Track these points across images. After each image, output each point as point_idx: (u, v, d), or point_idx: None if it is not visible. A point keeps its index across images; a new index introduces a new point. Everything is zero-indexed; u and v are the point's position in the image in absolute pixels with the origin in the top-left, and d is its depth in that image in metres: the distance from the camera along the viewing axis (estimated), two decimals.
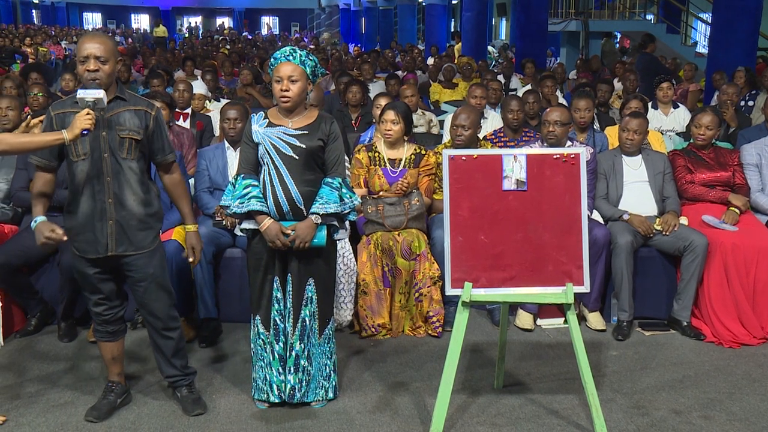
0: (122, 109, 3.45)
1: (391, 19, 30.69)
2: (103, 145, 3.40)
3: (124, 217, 3.46)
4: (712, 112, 5.22)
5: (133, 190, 3.47)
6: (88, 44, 3.33)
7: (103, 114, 3.38)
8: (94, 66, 3.32)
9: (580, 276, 3.50)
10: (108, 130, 3.40)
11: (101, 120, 3.39)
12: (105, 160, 3.41)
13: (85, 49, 3.33)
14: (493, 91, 7.63)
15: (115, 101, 3.44)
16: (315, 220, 3.57)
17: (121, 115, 3.43)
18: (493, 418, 3.71)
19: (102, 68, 3.34)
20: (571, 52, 19.20)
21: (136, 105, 3.50)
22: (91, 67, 3.32)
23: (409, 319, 4.74)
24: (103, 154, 3.40)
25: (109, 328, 3.63)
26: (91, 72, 3.32)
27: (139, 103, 3.52)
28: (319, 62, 3.77)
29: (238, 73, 10.47)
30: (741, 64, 9.26)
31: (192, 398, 3.77)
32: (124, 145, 3.43)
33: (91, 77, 3.32)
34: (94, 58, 3.32)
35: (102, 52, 3.33)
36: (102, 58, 3.33)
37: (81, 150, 3.39)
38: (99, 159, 3.40)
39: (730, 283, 4.66)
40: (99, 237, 3.44)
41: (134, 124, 3.45)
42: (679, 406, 3.83)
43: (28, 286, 4.68)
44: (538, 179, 3.49)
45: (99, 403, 3.72)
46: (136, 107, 3.48)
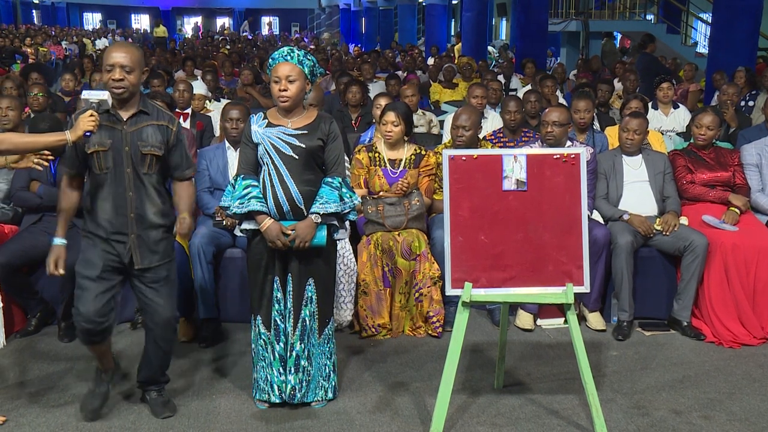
0: (145, 124, 3.45)
1: (391, 20, 30.71)
2: (126, 161, 3.41)
3: (145, 231, 3.48)
4: (713, 113, 5.22)
5: (153, 203, 3.49)
6: (115, 53, 3.35)
7: (127, 129, 3.40)
8: (120, 75, 3.32)
9: (580, 276, 3.51)
10: (131, 145, 3.41)
11: (125, 134, 3.40)
12: (127, 175, 3.42)
13: (112, 58, 3.34)
14: (493, 91, 7.64)
15: (139, 115, 3.45)
16: (315, 219, 3.57)
17: (144, 131, 3.44)
18: (493, 418, 3.71)
19: (127, 77, 3.34)
20: (572, 52, 19.21)
21: (159, 120, 3.49)
22: (117, 76, 3.32)
23: (409, 319, 4.74)
24: (126, 169, 3.42)
25: (95, 338, 3.51)
26: (116, 81, 3.33)
27: (161, 117, 3.51)
28: (319, 62, 3.78)
29: (238, 74, 10.50)
30: (741, 64, 9.27)
31: (161, 401, 3.75)
32: (146, 160, 3.44)
33: (116, 86, 3.33)
34: (119, 67, 3.32)
35: (128, 62, 3.34)
36: (128, 67, 3.34)
37: (104, 164, 3.40)
38: (122, 174, 3.42)
39: (730, 283, 4.67)
40: (121, 250, 3.46)
41: (156, 140, 3.46)
42: (679, 407, 3.84)
43: (28, 286, 4.68)
44: (539, 179, 3.50)
45: (90, 395, 3.69)
46: (158, 122, 3.48)
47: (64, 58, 19.91)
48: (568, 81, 11.66)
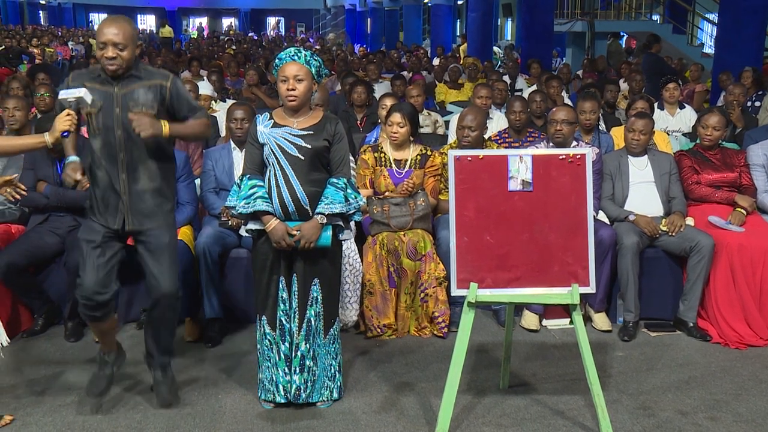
0: (136, 86, 3.46)
1: (396, 20, 30.77)
2: (116, 122, 3.42)
3: (137, 192, 3.50)
4: (719, 113, 5.22)
5: (147, 167, 3.50)
6: (106, 29, 3.35)
7: (117, 91, 3.41)
8: (113, 53, 3.34)
9: (585, 277, 3.51)
10: (121, 107, 3.42)
11: (115, 97, 3.41)
12: (118, 137, 3.44)
13: (104, 35, 3.35)
14: (498, 92, 7.66)
15: (129, 78, 3.45)
16: (320, 220, 3.59)
17: (135, 92, 3.45)
18: (498, 418, 3.72)
19: (120, 55, 3.36)
20: (577, 52, 19.25)
21: (151, 79, 3.50)
22: (110, 54, 3.34)
23: (415, 319, 4.75)
24: (116, 131, 3.43)
25: (94, 312, 3.52)
26: (110, 59, 3.34)
27: (153, 76, 3.52)
28: (325, 63, 3.79)
29: (243, 74, 10.51)
30: (747, 64, 9.26)
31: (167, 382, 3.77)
32: None
33: (109, 64, 3.35)
34: (112, 45, 3.34)
35: (120, 39, 3.35)
36: (120, 45, 3.36)
37: (96, 125, 3.43)
38: (112, 136, 3.43)
39: (736, 284, 4.67)
40: (114, 210, 3.49)
41: (148, 99, 3.46)
42: (685, 407, 3.84)
43: (34, 285, 4.70)
44: (544, 180, 3.50)
45: (95, 377, 3.71)
46: (150, 82, 3.49)
47: (70, 58, 19.97)
48: (574, 81, 11.66)
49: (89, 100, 3.36)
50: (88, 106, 3.38)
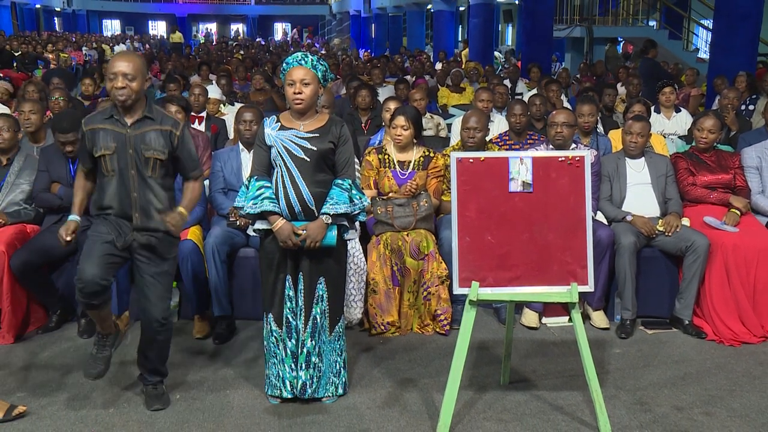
0: (149, 129, 3.56)
1: (400, 26, 30.82)
2: (130, 163, 3.53)
3: (148, 227, 3.59)
4: (714, 116, 5.27)
5: (158, 201, 3.60)
6: (118, 62, 3.48)
7: (130, 132, 3.52)
8: (122, 83, 3.44)
9: (584, 276, 3.55)
10: (134, 149, 3.52)
11: (128, 138, 3.52)
12: (132, 176, 3.54)
13: (115, 67, 3.47)
14: (499, 95, 7.70)
15: (143, 120, 3.56)
16: (325, 220, 3.64)
17: (147, 135, 3.55)
18: (499, 413, 3.76)
19: (129, 85, 3.46)
20: (576, 57, 19.30)
21: (163, 125, 3.60)
22: (119, 84, 3.44)
23: (418, 317, 4.80)
24: (130, 171, 3.54)
25: (94, 300, 3.55)
26: (119, 89, 3.45)
27: (165, 122, 3.61)
28: (330, 67, 3.86)
29: (251, 78, 10.58)
30: (741, 69, 9.30)
31: (154, 394, 3.82)
32: (149, 163, 3.56)
33: (120, 93, 3.45)
34: (122, 75, 3.45)
35: (130, 70, 3.46)
36: (129, 75, 3.46)
37: (110, 166, 3.53)
38: (126, 176, 3.54)
39: (731, 282, 4.72)
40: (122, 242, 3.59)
41: (159, 144, 3.56)
42: (681, 403, 3.88)
43: (48, 284, 4.78)
44: (544, 181, 3.55)
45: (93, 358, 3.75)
46: (162, 127, 3.59)
47: (84, 63, 20.08)
48: (573, 85, 11.73)
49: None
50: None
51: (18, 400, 3.86)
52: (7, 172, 4.95)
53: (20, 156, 5.02)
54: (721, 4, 10.67)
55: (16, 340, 4.62)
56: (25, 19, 36.96)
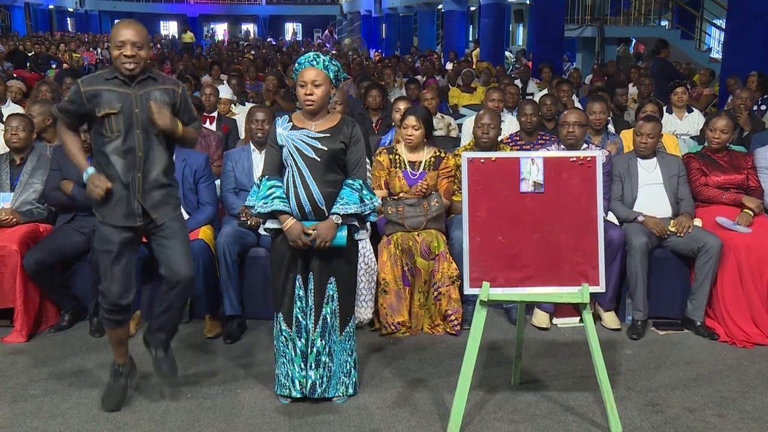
0: (152, 88, 3.57)
1: (410, 26, 30.86)
2: (136, 122, 3.52)
3: (150, 189, 3.59)
4: (727, 116, 5.26)
5: (161, 163, 3.61)
6: (125, 30, 3.48)
7: (136, 92, 3.52)
8: (131, 51, 3.45)
9: (595, 276, 3.54)
10: (141, 107, 3.52)
11: (135, 97, 3.52)
12: (137, 136, 3.53)
13: (122, 35, 3.46)
14: (510, 95, 7.70)
15: (146, 80, 3.57)
16: (336, 220, 3.65)
17: (151, 93, 3.56)
18: (509, 414, 3.76)
19: (138, 53, 3.48)
20: (587, 57, 19.25)
21: (164, 84, 3.63)
22: (128, 52, 3.45)
23: (428, 317, 4.80)
24: (135, 130, 3.53)
25: (117, 316, 3.63)
26: (129, 57, 3.45)
27: (166, 82, 3.66)
28: (342, 67, 3.87)
29: (262, 78, 10.61)
30: (754, 69, 9.26)
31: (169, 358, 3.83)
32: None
33: (129, 62, 3.45)
34: (130, 44, 3.46)
35: (138, 38, 3.49)
36: (138, 44, 3.48)
37: (115, 127, 3.50)
38: (132, 135, 3.52)
39: (743, 283, 4.70)
40: (128, 209, 3.57)
41: (164, 101, 3.58)
42: (693, 404, 3.87)
43: (61, 283, 4.82)
44: (555, 181, 3.54)
45: (111, 389, 3.79)
46: (164, 86, 3.62)
47: (96, 63, 20.21)
48: (584, 85, 11.71)
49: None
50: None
51: (30, 399, 3.90)
52: (21, 171, 4.99)
53: (33, 156, 5.05)
54: (734, 3, 10.64)
55: (29, 338, 4.65)
56: (38, 19, 37.29)
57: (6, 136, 4.98)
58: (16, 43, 21.72)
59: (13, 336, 4.62)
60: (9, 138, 4.97)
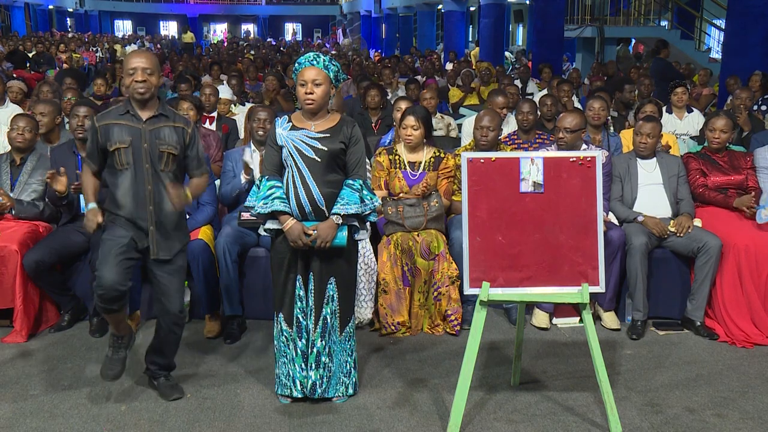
0: (162, 125, 3.65)
1: (410, 26, 30.87)
2: (144, 157, 3.61)
3: (162, 223, 3.66)
4: (726, 116, 5.26)
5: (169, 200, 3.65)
6: (136, 59, 3.60)
7: (146, 127, 3.61)
8: (142, 77, 3.55)
9: (595, 276, 3.55)
10: (149, 143, 3.61)
11: (144, 132, 3.60)
12: (146, 170, 3.61)
13: (133, 63, 3.58)
14: (510, 96, 7.71)
15: (158, 117, 3.65)
16: (336, 220, 3.65)
17: (161, 130, 3.64)
18: (509, 414, 3.77)
19: (149, 79, 3.57)
20: (587, 57, 19.27)
21: (175, 122, 3.70)
22: (139, 78, 3.55)
23: (428, 317, 4.81)
24: (144, 164, 3.61)
25: (113, 305, 3.60)
26: (139, 82, 3.55)
27: (177, 120, 3.73)
28: (341, 67, 3.87)
29: (262, 78, 10.61)
30: (754, 69, 9.27)
31: (170, 384, 3.95)
32: (163, 158, 3.63)
33: (140, 87, 3.55)
34: (141, 70, 3.55)
35: (149, 65, 3.58)
36: (149, 70, 3.57)
37: (125, 160, 3.60)
38: (141, 169, 3.61)
39: (743, 284, 4.70)
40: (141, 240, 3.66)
41: (173, 140, 3.66)
42: (693, 404, 3.88)
43: (61, 283, 4.82)
44: (555, 182, 3.55)
45: (110, 360, 3.78)
46: (175, 124, 3.69)
47: (96, 63, 20.22)
48: (584, 85, 11.72)
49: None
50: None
51: (31, 399, 3.90)
52: (20, 171, 5.00)
53: (33, 156, 5.06)
54: (734, 4, 10.65)
55: (29, 338, 4.65)
56: (38, 19, 37.31)
57: (11, 135, 5.00)
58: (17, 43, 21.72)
59: (13, 336, 4.62)
60: (14, 137, 4.98)
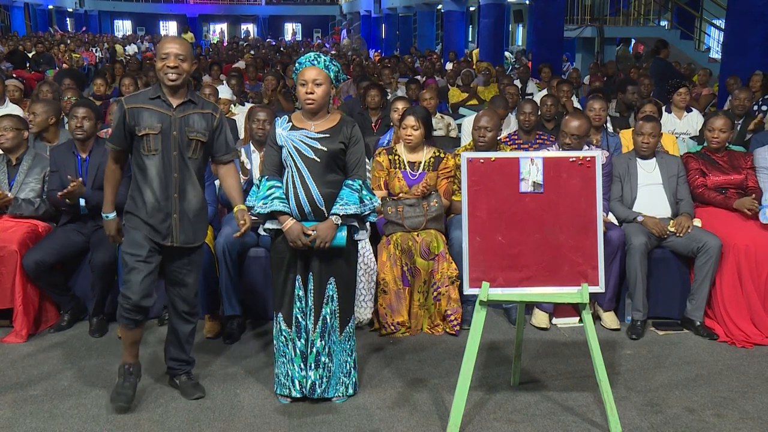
0: (192, 112, 3.67)
1: (410, 26, 30.88)
2: (173, 144, 3.62)
3: (185, 211, 3.68)
4: (724, 116, 5.26)
5: (195, 187, 3.70)
6: (170, 44, 3.61)
7: (175, 115, 3.61)
8: (174, 62, 3.55)
9: (595, 276, 3.55)
10: (179, 130, 3.61)
11: (173, 120, 3.62)
12: (174, 157, 3.63)
13: (166, 48, 3.58)
14: (510, 96, 7.72)
15: (187, 104, 3.67)
16: (335, 220, 3.65)
17: (191, 117, 3.66)
18: (509, 414, 3.77)
19: (181, 65, 3.57)
20: (587, 57, 19.28)
21: (204, 108, 3.72)
22: (171, 63, 3.55)
23: (428, 317, 4.81)
24: (172, 152, 3.62)
25: (137, 316, 3.70)
26: (172, 68, 3.55)
27: (206, 106, 3.75)
28: (341, 67, 3.87)
29: (262, 78, 10.61)
30: (754, 69, 9.27)
31: (191, 383, 3.96)
32: (191, 145, 3.66)
33: (172, 72, 3.55)
34: (174, 56, 3.55)
35: (182, 51, 3.59)
36: (182, 56, 3.57)
37: (153, 146, 3.60)
38: (169, 156, 3.62)
39: (742, 284, 4.70)
40: (163, 228, 3.67)
41: (201, 126, 3.67)
42: (693, 404, 3.88)
43: (61, 283, 4.82)
44: (555, 182, 3.55)
45: (122, 387, 3.79)
46: (203, 110, 3.71)
47: (95, 63, 20.20)
48: (583, 86, 11.73)
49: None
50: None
51: (30, 399, 3.90)
52: (17, 171, 5.00)
53: (29, 155, 5.06)
54: (734, 4, 10.65)
55: (29, 338, 4.65)
56: (38, 19, 37.30)
57: None
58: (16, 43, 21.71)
59: (13, 336, 4.62)
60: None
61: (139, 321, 3.74)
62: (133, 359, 3.86)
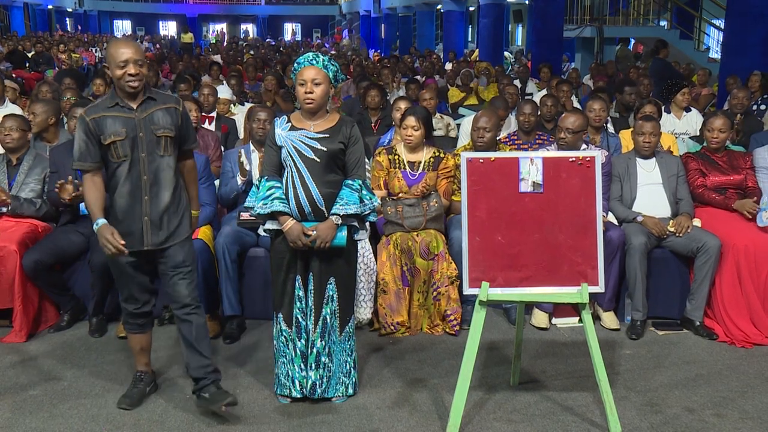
0: (154, 109, 3.57)
1: (410, 26, 30.91)
2: (140, 146, 3.53)
3: (158, 213, 3.58)
4: (723, 116, 5.26)
5: (168, 186, 3.60)
6: (124, 49, 3.47)
7: (138, 115, 3.52)
8: (135, 70, 3.46)
9: (594, 276, 3.55)
10: (144, 130, 3.53)
11: (138, 122, 3.52)
12: (143, 160, 3.54)
13: (123, 55, 3.45)
14: (509, 96, 7.72)
15: (147, 102, 3.57)
16: (335, 220, 3.65)
17: (154, 115, 3.56)
18: (509, 414, 3.77)
19: (141, 71, 3.48)
20: (586, 57, 19.28)
21: (166, 103, 3.62)
22: (132, 71, 3.45)
23: (427, 317, 4.81)
24: (140, 154, 3.53)
25: (139, 321, 3.74)
26: (134, 76, 3.45)
27: (167, 100, 3.65)
28: (340, 67, 3.87)
29: (261, 78, 10.62)
30: (753, 69, 9.28)
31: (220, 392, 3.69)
32: (161, 143, 3.56)
33: (133, 81, 3.46)
34: (133, 62, 3.46)
35: (139, 55, 3.49)
36: (140, 61, 3.48)
37: (121, 152, 3.51)
38: (137, 160, 3.53)
39: (742, 284, 4.70)
40: (136, 232, 3.57)
41: (167, 122, 3.58)
42: (692, 404, 3.88)
43: (60, 283, 4.82)
44: (555, 182, 3.54)
45: (130, 391, 3.85)
46: (166, 105, 3.61)
47: (95, 63, 20.20)
48: (583, 86, 11.73)
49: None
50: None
51: (29, 399, 3.90)
52: (17, 171, 5.00)
53: (29, 155, 5.06)
54: (733, 3, 10.66)
55: (28, 338, 4.65)
56: (38, 19, 37.30)
57: (0, 137, 4.99)
58: (16, 43, 21.71)
59: (13, 336, 4.62)
60: (2, 139, 4.98)
61: (142, 325, 3.75)
62: (144, 366, 3.88)
